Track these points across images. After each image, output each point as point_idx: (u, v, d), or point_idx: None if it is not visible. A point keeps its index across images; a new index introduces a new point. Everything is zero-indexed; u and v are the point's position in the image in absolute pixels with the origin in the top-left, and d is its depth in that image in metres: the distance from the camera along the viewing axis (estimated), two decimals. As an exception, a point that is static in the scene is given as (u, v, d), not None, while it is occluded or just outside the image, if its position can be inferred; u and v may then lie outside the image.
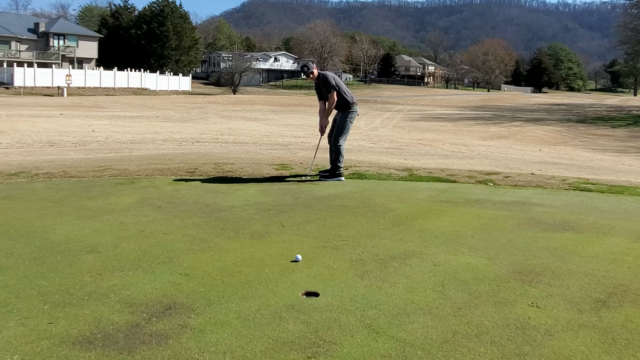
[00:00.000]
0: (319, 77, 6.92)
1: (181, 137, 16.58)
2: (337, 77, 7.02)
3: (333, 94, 6.78)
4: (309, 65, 6.96)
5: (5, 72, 50.37)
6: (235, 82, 68.03)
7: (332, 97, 6.79)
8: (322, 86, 6.87)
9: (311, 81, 7.19)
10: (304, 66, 6.94)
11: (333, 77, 6.92)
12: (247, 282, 3.22)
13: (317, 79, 6.94)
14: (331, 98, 6.79)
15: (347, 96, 6.89)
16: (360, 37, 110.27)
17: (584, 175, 8.81)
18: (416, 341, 2.53)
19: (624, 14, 62.55)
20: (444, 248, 3.97)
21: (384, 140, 18.22)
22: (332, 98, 6.79)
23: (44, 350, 2.40)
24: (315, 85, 7.12)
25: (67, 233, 4.15)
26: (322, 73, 6.95)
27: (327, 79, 6.83)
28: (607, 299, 3.08)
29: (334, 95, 6.79)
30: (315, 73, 6.90)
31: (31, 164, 8.07)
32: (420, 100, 60.57)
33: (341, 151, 6.85)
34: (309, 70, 6.88)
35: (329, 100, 6.82)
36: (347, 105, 6.91)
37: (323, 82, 6.86)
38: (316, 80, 6.99)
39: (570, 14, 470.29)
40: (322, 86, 6.89)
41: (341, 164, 6.87)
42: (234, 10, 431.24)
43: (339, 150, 6.84)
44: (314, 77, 6.94)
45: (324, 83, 6.86)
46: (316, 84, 7.07)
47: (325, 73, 6.96)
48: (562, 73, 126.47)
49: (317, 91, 7.17)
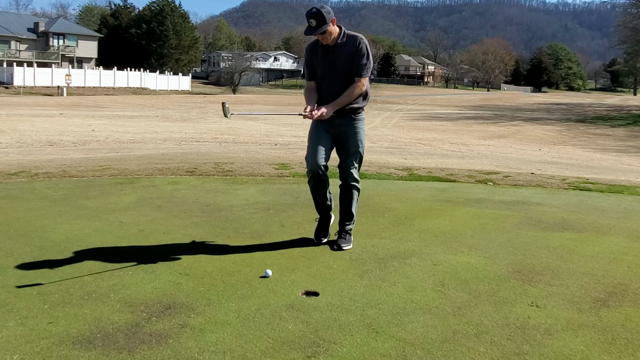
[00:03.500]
0: (345, 39, 3.73)
1: (181, 136, 16.58)
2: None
3: (365, 80, 3.78)
4: (324, 12, 3.57)
5: (5, 71, 50.37)
6: (235, 81, 68.05)
7: (362, 85, 3.75)
8: (351, 59, 3.71)
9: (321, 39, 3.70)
10: (316, 15, 3.56)
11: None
12: (247, 282, 3.22)
13: (339, 41, 3.72)
14: (360, 87, 3.75)
15: (369, 91, 3.93)
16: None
17: (584, 174, 8.82)
18: (416, 340, 2.54)
19: (623, 14, 62.62)
20: (444, 247, 3.97)
21: (384, 139, 18.22)
22: (362, 87, 3.76)
23: (44, 349, 2.40)
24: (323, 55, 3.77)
25: (67, 233, 4.15)
26: (351, 34, 3.77)
27: (364, 47, 3.72)
28: (607, 298, 3.08)
29: (365, 82, 3.78)
30: (334, 30, 3.67)
31: (31, 163, 8.06)
32: (420, 99, 60.55)
33: (359, 189, 4.07)
34: (322, 25, 3.57)
35: (355, 88, 3.73)
36: (364, 104, 3.92)
37: (355, 52, 3.71)
38: (334, 43, 3.70)
39: (570, 14, 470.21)
40: (348, 56, 3.72)
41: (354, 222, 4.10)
42: (234, 10, 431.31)
43: (357, 189, 4.03)
44: (328, 38, 3.67)
45: (356, 53, 3.71)
46: (325, 53, 3.75)
47: (362, 37, 3.80)
48: (562, 72, 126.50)
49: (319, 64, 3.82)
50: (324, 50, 3.75)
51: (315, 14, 3.58)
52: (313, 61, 3.85)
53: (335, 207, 4.14)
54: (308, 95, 3.89)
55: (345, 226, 4.01)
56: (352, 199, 4.01)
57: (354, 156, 3.91)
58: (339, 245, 3.91)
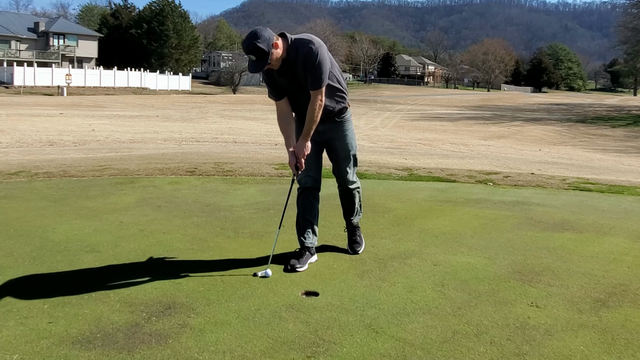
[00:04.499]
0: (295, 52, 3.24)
1: (181, 136, 16.59)
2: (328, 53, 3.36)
3: (321, 91, 3.31)
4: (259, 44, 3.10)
5: (5, 71, 50.35)
6: (235, 81, 67.99)
7: (319, 99, 3.31)
8: (305, 70, 3.26)
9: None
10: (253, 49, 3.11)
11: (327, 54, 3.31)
12: (247, 282, 3.22)
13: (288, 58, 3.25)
14: (318, 101, 3.31)
15: (343, 87, 3.53)
16: (360, 36, 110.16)
17: (584, 175, 8.82)
18: (416, 341, 2.54)
19: (623, 14, 62.63)
20: (444, 248, 3.97)
21: (384, 139, 18.22)
22: (319, 100, 3.31)
23: (44, 349, 2.40)
24: (277, 75, 3.35)
25: (67, 232, 4.15)
26: (300, 40, 3.27)
27: (313, 55, 3.22)
28: (607, 298, 3.08)
29: (322, 93, 3.31)
30: (279, 53, 3.20)
31: (31, 163, 8.06)
32: (420, 99, 60.55)
33: (359, 189, 3.88)
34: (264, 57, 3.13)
35: (314, 105, 3.31)
36: (343, 104, 3.56)
37: (305, 65, 3.25)
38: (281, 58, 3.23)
39: (570, 14, 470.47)
40: (301, 71, 3.27)
41: (361, 214, 3.95)
42: (234, 10, 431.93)
43: (357, 190, 3.85)
44: (277, 64, 3.24)
45: (306, 65, 3.25)
46: (281, 69, 3.30)
47: (310, 40, 3.27)
48: (562, 73, 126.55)
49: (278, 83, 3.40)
50: (277, 70, 3.31)
51: (252, 49, 3.12)
52: (273, 81, 3.40)
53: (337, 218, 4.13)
54: (282, 123, 3.47)
55: (350, 220, 3.87)
56: (354, 198, 3.84)
57: (346, 160, 3.67)
58: (354, 250, 3.80)
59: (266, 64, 3.15)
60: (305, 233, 3.62)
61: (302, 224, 3.65)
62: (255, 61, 3.16)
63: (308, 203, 3.64)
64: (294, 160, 3.42)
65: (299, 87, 3.36)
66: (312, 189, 3.63)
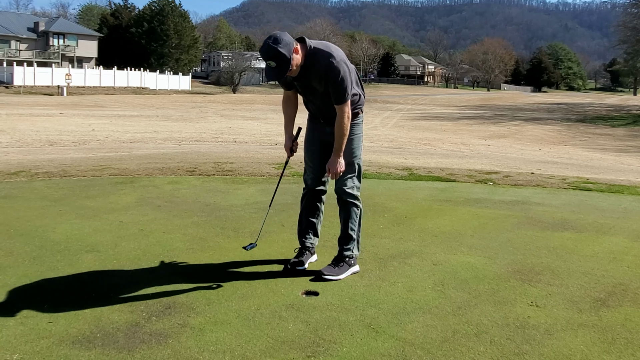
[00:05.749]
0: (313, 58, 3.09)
1: (181, 136, 16.59)
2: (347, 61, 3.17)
3: (347, 105, 3.17)
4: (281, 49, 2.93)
5: (5, 71, 50.31)
6: (235, 81, 67.97)
7: (346, 113, 3.17)
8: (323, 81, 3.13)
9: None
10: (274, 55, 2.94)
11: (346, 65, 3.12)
12: (246, 281, 3.22)
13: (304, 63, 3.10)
14: (345, 114, 3.17)
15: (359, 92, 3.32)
16: (360, 36, 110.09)
17: (584, 174, 8.82)
18: (416, 340, 2.54)
19: (623, 13, 62.61)
20: (444, 247, 3.97)
21: (384, 139, 18.22)
22: (347, 113, 3.17)
23: (44, 349, 2.40)
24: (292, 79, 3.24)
25: (67, 232, 4.15)
26: (320, 50, 3.11)
27: (335, 70, 3.07)
28: (607, 298, 3.09)
29: (347, 107, 3.17)
30: (299, 58, 3.05)
31: (31, 163, 8.06)
32: (420, 99, 60.55)
33: (359, 207, 3.44)
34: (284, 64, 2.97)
35: (342, 119, 3.17)
36: (357, 109, 3.34)
37: (327, 78, 3.10)
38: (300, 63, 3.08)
39: (570, 14, 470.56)
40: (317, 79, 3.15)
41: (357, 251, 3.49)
42: (234, 10, 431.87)
43: (355, 206, 3.42)
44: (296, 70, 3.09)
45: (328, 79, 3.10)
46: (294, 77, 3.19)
47: (330, 54, 3.09)
48: (562, 72, 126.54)
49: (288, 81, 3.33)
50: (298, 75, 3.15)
51: (272, 54, 2.92)
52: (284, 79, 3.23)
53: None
54: (286, 107, 3.45)
55: (342, 251, 3.40)
56: (349, 217, 3.38)
57: (347, 166, 3.29)
58: (322, 272, 3.30)
59: (287, 71, 2.99)
60: (306, 233, 3.60)
61: (303, 224, 3.62)
62: (274, 68, 2.98)
63: (312, 205, 3.57)
64: (290, 144, 3.46)
65: (312, 91, 3.25)
66: (318, 191, 3.54)
